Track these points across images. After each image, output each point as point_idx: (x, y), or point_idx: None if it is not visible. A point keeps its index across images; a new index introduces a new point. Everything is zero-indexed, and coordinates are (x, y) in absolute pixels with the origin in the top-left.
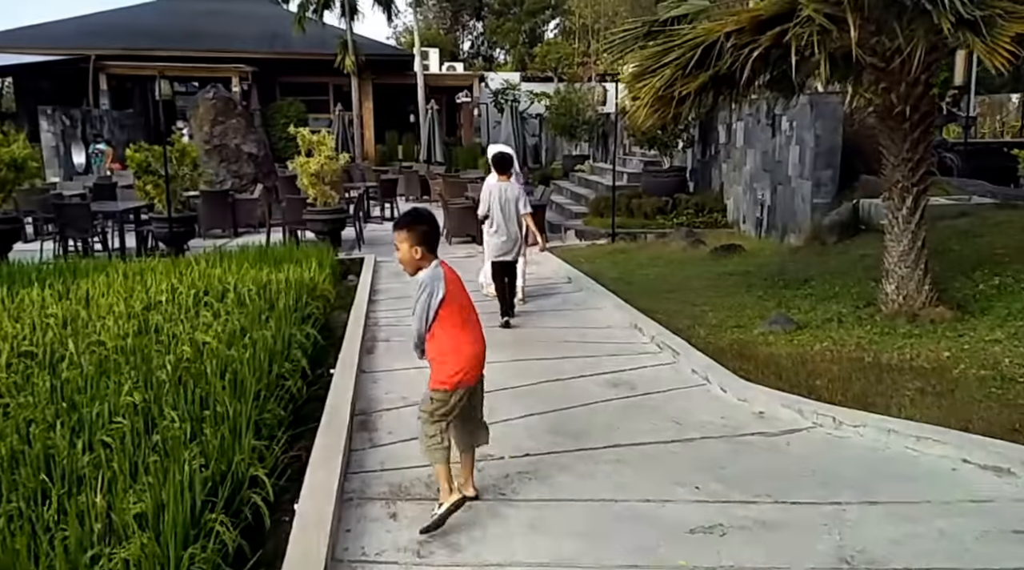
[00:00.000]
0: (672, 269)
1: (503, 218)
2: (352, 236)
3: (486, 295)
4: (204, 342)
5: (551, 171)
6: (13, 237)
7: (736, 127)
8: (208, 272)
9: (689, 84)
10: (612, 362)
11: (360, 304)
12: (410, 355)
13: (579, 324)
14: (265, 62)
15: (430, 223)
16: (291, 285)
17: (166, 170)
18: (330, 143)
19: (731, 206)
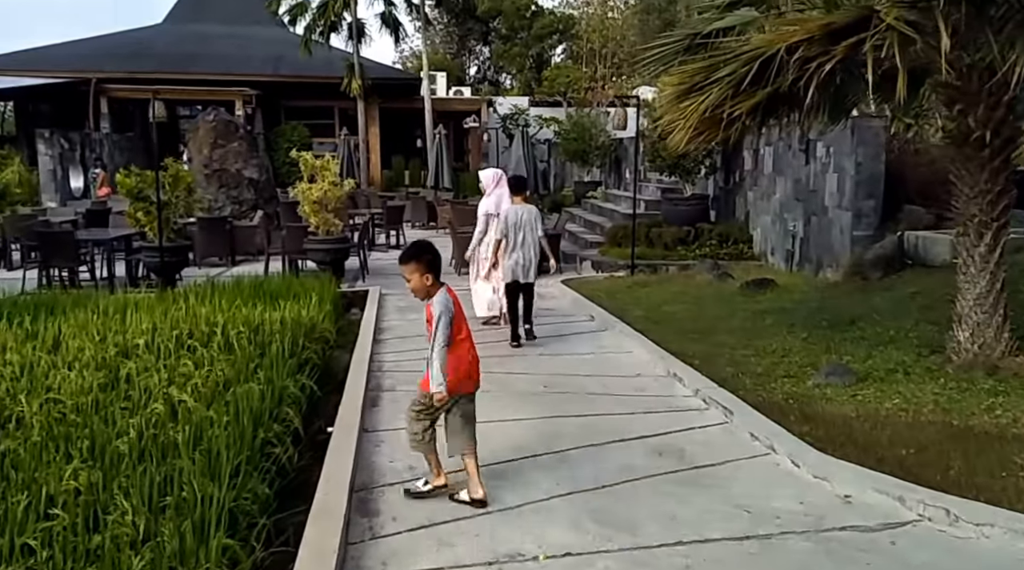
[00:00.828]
0: (701, 306)
1: (519, 240)
2: (356, 265)
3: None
4: (180, 400)
5: (562, 198)
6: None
7: (764, 153)
8: (196, 309)
9: (743, 103)
10: (653, 421)
11: (363, 345)
12: None
13: (607, 371)
14: (269, 85)
15: (432, 252)
16: (287, 326)
17: (158, 196)
18: (334, 168)
19: (758, 237)
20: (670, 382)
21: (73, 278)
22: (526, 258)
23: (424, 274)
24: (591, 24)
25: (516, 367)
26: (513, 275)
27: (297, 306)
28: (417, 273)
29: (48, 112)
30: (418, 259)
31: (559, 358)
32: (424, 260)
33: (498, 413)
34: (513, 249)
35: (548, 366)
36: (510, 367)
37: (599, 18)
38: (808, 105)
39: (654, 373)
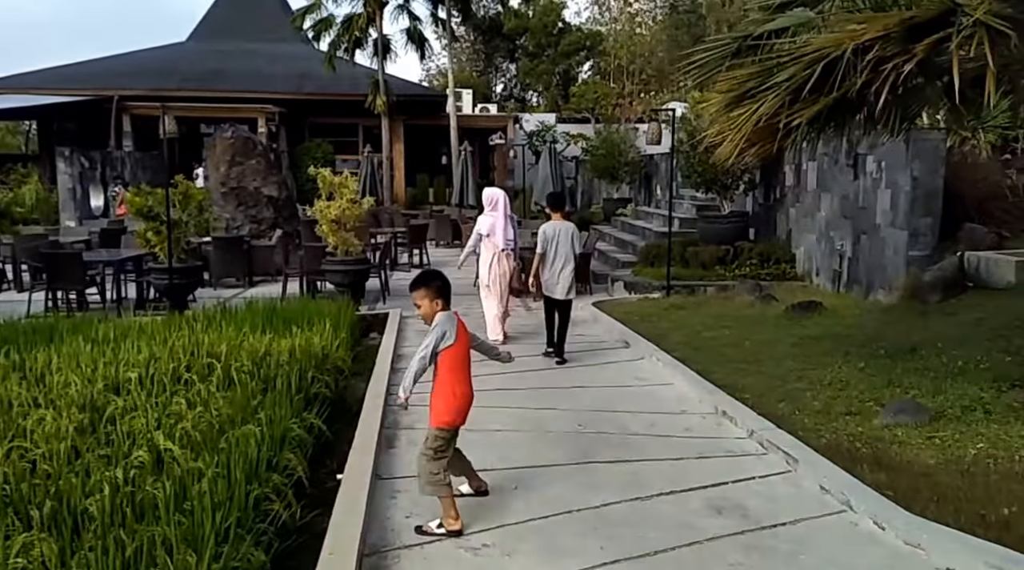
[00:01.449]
0: (744, 331)
1: (554, 256)
2: (377, 286)
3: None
4: (165, 448)
5: (590, 215)
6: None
7: (807, 168)
8: (199, 338)
9: (803, 111)
10: (706, 469)
11: (380, 376)
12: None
13: (648, 406)
14: (294, 102)
15: (441, 279)
16: (295, 357)
17: (168, 215)
18: (353, 185)
19: (801, 256)
20: (719, 420)
21: (82, 301)
22: (562, 275)
23: (434, 300)
24: (619, 40)
25: (548, 401)
26: (548, 291)
27: (309, 333)
28: (427, 299)
29: (72, 130)
30: (427, 285)
31: (594, 391)
32: (433, 286)
33: (529, 456)
34: (549, 265)
35: (583, 400)
36: (541, 401)
37: (627, 34)
38: (879, 113)
39: (700, 409)
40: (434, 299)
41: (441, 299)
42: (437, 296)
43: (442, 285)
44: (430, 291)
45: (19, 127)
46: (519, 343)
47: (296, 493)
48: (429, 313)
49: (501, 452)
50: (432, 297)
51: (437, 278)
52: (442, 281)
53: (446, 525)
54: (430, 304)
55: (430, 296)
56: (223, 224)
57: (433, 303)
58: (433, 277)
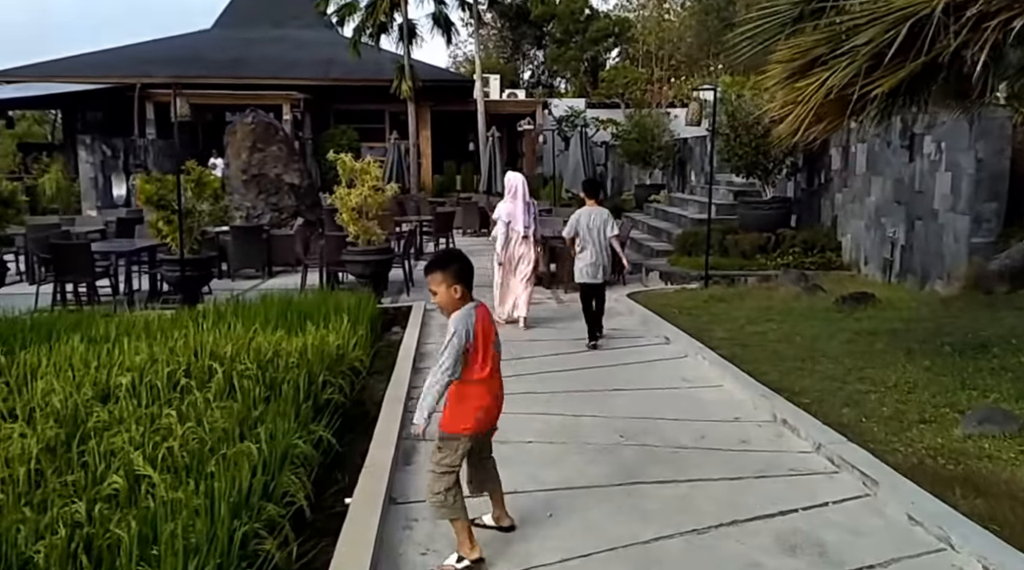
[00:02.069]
0: (793, 326)
1: (590, 242)
2: (401, 277)
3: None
4: (145, 475)
5: (622, 202)
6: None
7: (856, 150)
8: (203, 338)
9: (884, 79)
10: (770, 493)
11: (400, 379)
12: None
13: (696, 413)
14: (318, 89)
15: (461, 260)
16: (307, 359)
17: (179, 204)
18: (375, 171)
19: (848, 244)
20: (779, 430)
21: (93, 294)
22: (596, 261)
23: (452, 286)
24: (647, 27)
25: (585, 407)
26: (582, 276)
27: (324, 331)
28: (444, 285)
29: (97, 119)
30: (444, 268)
31: (635, 395)
32: (452, 270)
33: (564, 475)
34: (583, 252)
35: (622, 406)
36: (577, 407)
37: (655, 20)
38: (976, 80)
39: (756, 417)
40: (452, 284)
41: (461, 284)
42: (456, 280)
43: (461, 268)
44: (448, 275)
45: (45, 116)
46: (538, 330)
47: (297, 522)
48: (447, 303)
49: (532, 470)
50: (450, 282)
51: (456, 259)
52: (461, 263)
53: (463, 553)
54: (447, 291)
55: (447, 281)
56: (243, 213)
57: (451, 289)
58: (451, 258)
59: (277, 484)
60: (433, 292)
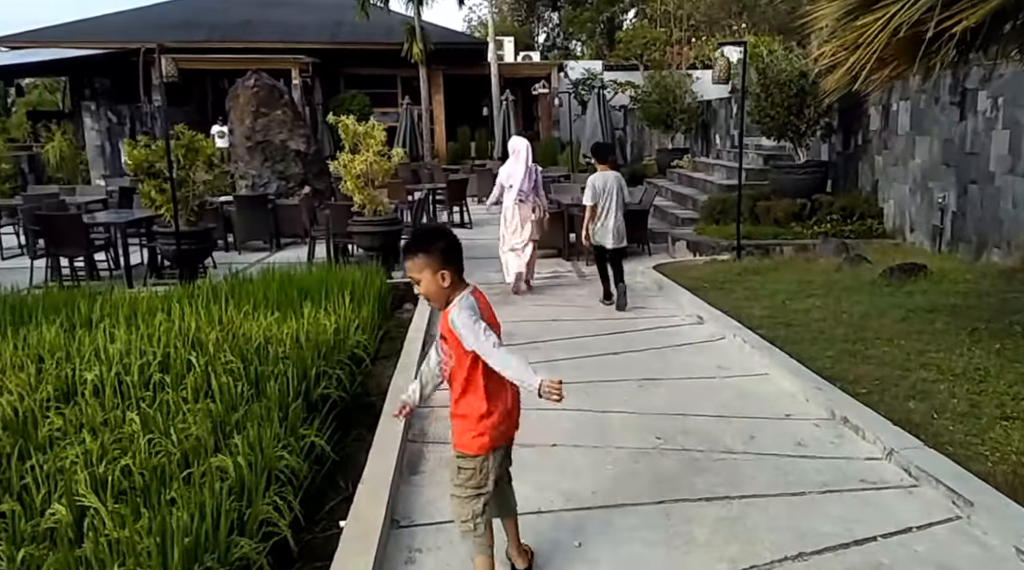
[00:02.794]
0: (837, 302)
1: (605, 207)
2: None
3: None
4: (90, 507)
5: (643, 168)
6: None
7: (897, 108)
8: (187, 322)
9: (970, 13)
10: (839, 513)
11: (407, 367)
12: None
13: (742, 408)
14: (328, 53)
15: (447, 237)
16: (301, 346)
17: (171, 171)
18: (380, 135)
19: (890, 210)
20: (839, 430)
21: (91, 268)
22: (614, 224)
23: (438, 271)
24: None
25: (613, 399)
26: (600, 241)
27: (320, 313)
28: (428, 270)
29: (106, 87)
30: (427, 249)
31: (670, 385)
32: (436, 250)
33: (595, 489)
34: (601, 217)
35: (656, 399)
36: (605, 399)
37: None
38: None
39: (811, 413)
40: (438, 269)
41: (449, 268)
42: (443, 264)
43: (447, 246)
44: (431, 258)
45: (56, 84)
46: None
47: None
48: (435, 292)
49: (557, 481)
50: (435, 266)
51: (439, 236)
52: (447, 241)
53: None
54: (433, 278)
55: (431, 265)
56: (248, 181)
57: (437, 276)
58: (433, 236)
59: (253, 512)
60: (415, 281)
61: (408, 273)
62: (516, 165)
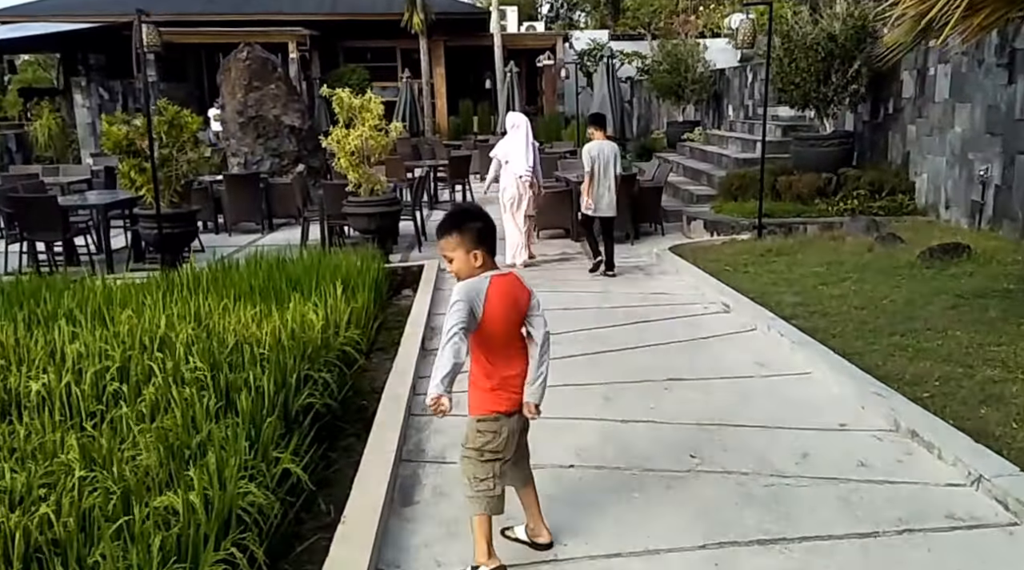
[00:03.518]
0: (876, 286)
1: (600, 175)
2: (413, 231)
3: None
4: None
5: (652, 141)
6: None
7: (934, 72)
8: (156, 318)
9: None
10: (926, 564)
11: (403, 369)
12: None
13: (788, 417)
14: (326, 24)
15: (483, 218)
16: (283, 346)
17: (151, 148)
18: (377, 109)
19: (923, 185)
20: (907, 446)
21: (71, 253)
22: (608, 193)
23: (472, 251)
24: None
25: (637, 406)
26: (594, 210)
27: (309, 305)
28: (461, 249)
29: (101, 63)
30: (461, 229)
31: (700, 388)
32: (471, 230)
33: (622, 525)
34: (597, 185)
35: (688, 404)
36: (629, 406)
37: None
38: None
39: (868, 422)
40: (472, 249)
41: (482, 248)
42: (476, 244)
43: (483, 227)
44: (465, 237)
45: (50, 60)
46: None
47: None
48: (465, 271)
49: (575, 514)
50: (469, 246)
51: (476, 217)
52: (484, 222)
53: (479, 561)
54: (466, 257)
55: (465, 244)
56: (241, 159)
57: (471, 255)
58: (469, 216)
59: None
60: (448, 258)
61: (442, 251)
62: (516, 141)
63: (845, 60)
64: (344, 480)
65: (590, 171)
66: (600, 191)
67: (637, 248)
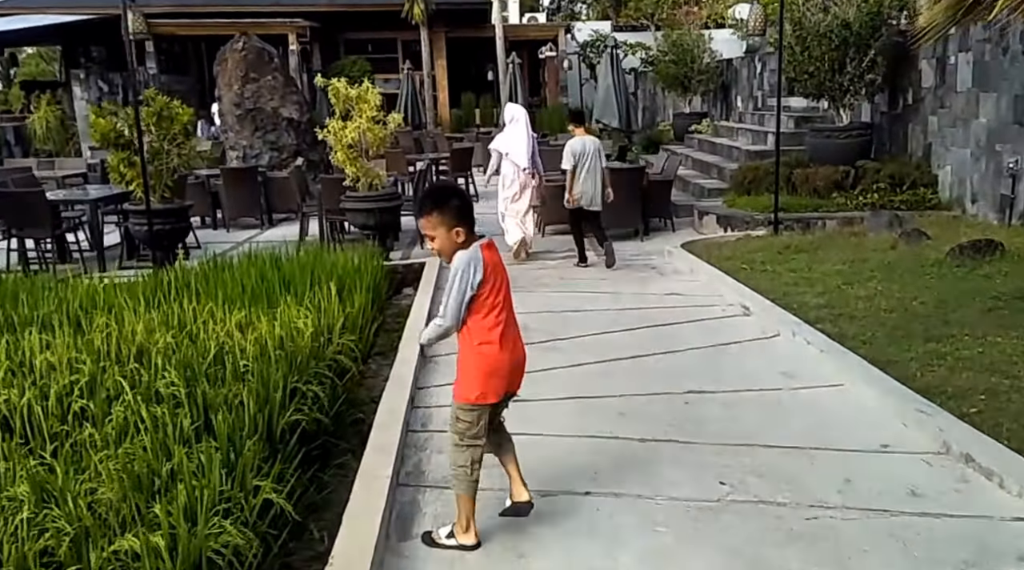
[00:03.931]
0: (903, 286)
1: (584, 170)
2: (414, 226)
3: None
4: None
5: (658, 133)
6: None
7: (957, 61)
8: (134, 325)
9: None
10: None
11: (401, 377)
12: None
13: (823, 437)
14: (326, 15)
15: (460, 195)
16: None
17: (139, 140)
18: (374, 99)
19: (946, 178)
20: (959, 470)
21: (61, 250)
22: (592, 188)
23: (453, 228)
24: None
25: (657, 422)
26: (579, 203)
27: (301, 310)
28: (443, 227)
29: (102, 55)
30: (441, 208)
31: (725, 401)
32: (450, 208)
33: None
34: (580, 180)
35: (713, 422)
36: (648, 422)
37: None
38: None
39: (914, 443)
40: (453, 227)
41: (463, 225)
42: (457, 220)
43: (462, 205)
44: (445, 215)
45: (53, 53)
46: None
47: None
48: (447, 248)
49: (595, 549)
50: (450, 223)
51: (453, 194)
52: (460, 198)
53: (457, 533)
54: (448, 235)
55: (446, 222)
56: (239, 153)
57: (452, 232)
58: (447, 194)
59: None
60: (430, 237)
61: (423, 230)
62: (516, 134)
63: (860, 48)
64: (339, 502)
65: (573, 168)
66: (585, 186)
67: (647, 244)
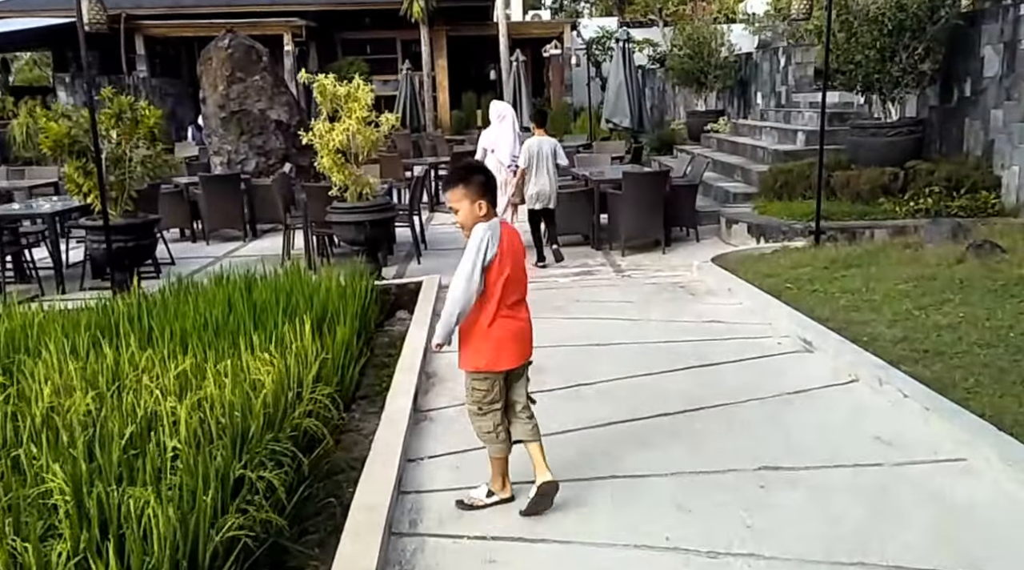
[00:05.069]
0: (989, 312)
1: (539, 170)
2: (410, 238)
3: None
4: None
5: (671, 133)
6: None
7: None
8: (39, 384)
9: None
10: None
11: (384, 453)
12: None
13: (957, 549)
14: (322, 15)
15: (484, 172)
16: (212, 434)
17: (96, 148)
18: (365, 98)
19: (1012, 180)
20: None
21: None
22: (548, 187)
23: (476, 201)
24: None
25: (722, 522)
26: (533, 202)
27: (252, 359)
28: (467, 200)
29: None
30: (467, 182)
31: (811, 484)
32: (475, 182)
33: None
34: (534, 180)
35: (803, 522)
36: (709, 523)
37: None
38: None
39: None
40: (476, 199)
41: (485, 200)
42: (480, 195)
43: (486, 180)
44: (470, 189)
45: (46, 59)
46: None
47: None
48: (470, 220)
49: None
50: (473, 197)
51: (478, 171)
52: (486, 175)
53: (494, 489)
54: (471, 207)
55: (470, 196)
56: (224, 158)
57: (475, 205)
58: (473, 170)
59: None
60: (455, 209)
61: (448, 203)
62: (503, 131)
63: (916, 33)
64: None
65: (526, 166)
66: (540, 186)
67: (670, 257)
